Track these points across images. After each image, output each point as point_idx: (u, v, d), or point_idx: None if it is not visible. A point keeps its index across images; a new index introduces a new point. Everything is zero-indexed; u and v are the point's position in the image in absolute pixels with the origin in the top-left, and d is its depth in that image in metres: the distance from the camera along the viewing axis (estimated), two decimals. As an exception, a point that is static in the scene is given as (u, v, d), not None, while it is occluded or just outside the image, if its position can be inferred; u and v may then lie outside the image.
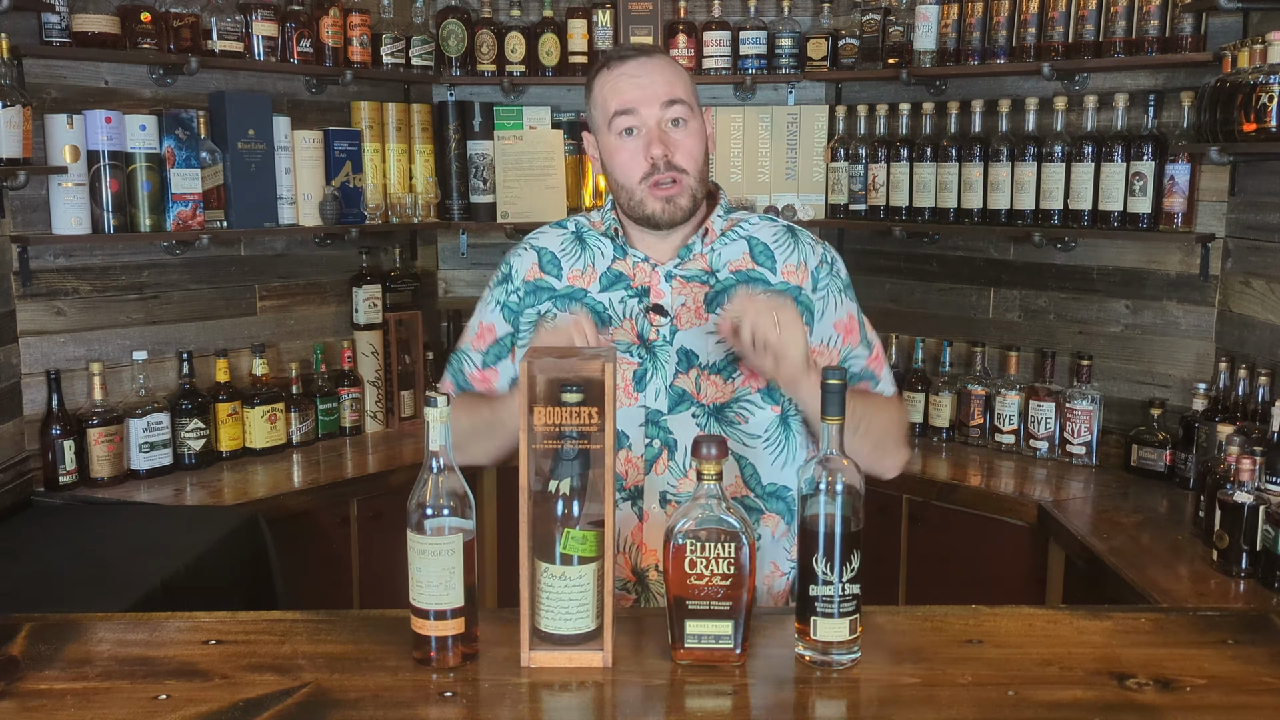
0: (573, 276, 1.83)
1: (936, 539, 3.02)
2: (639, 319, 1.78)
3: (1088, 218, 3.00)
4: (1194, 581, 2.28)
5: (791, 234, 1.83)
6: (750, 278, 1.78)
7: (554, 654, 1.38)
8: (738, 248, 1.81)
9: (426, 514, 1.37)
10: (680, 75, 1.77)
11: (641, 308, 1.78)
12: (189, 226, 3.00)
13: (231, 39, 3.04)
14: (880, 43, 3.43)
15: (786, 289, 1.77)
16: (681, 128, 1.74)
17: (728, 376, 1.76)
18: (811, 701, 1.33)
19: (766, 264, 1.80)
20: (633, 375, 1.76)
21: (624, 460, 1.76)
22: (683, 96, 1.74)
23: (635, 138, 1.73)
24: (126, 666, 1.39)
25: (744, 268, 1.79)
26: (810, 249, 1.82)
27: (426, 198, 3.58)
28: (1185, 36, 2.84)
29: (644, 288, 1.79)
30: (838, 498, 1.36)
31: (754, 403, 1.77)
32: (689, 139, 1.74)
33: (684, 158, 1.73)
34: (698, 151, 1.75)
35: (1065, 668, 1.39)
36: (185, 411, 3.04)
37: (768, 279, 1.78)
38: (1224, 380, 2.77)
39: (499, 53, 3.61)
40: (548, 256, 1.85)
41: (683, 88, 1.75)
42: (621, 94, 1.73)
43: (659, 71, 1.74)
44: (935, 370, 3.42)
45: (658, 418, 1.76)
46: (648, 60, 1.75)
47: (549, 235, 1.89)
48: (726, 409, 1.76)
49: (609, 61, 1.76)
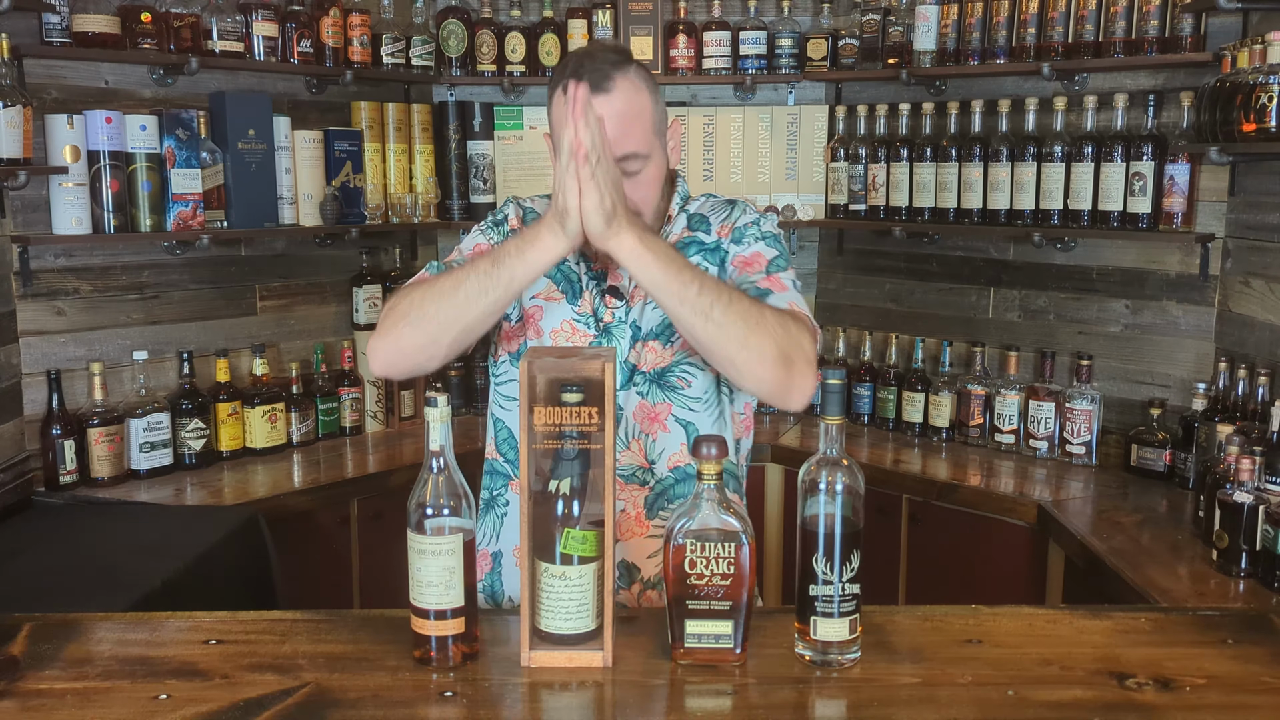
0: None
1: (936, 539, 3.03)
2: (595, 299, 1.81)
3: (1087, 218, 3.00)
4: (1194, 581, 2.28)
5: (730, 203, 1.88)
6: (685, 243, 1.81)
7: (554, 654, 1.38)
8: (681, 221, 1.85)
9: (427, 514, 1.37)
10: (638, 114, 1.70)
11: (599, 290, 1.81)
12: (189, 226, 3.00)
13: (232, 39, 3.04)
14: (880, 43, 3.43)
15: (716, 245, 1.81)
16: (635, 178, 1.70)
17: (666, 341, 1.78)
18: (811, 701, 1.33)
19: (701, 228, 1.84)
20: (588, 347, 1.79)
21: None
22: (636, 149, 1.68)
23: None
24: (127, 666, 1.40)
25: (684, 237, 1.83)
26: (743, 213, 1.85)
27: (427, 198, 3.58)
28: (1185, 36, 2.84)
29: (604, 271, 1.82)
30: (838, 498, 1.36)
31: (695, 365, 1.78)
32: (642, 187, 1.72)
33: (637, 203, 1.70)
34: (650, 193, 1.75)
35: (1065, 667, 1.39)
36: (186, 411, 3.04)
37: (702, 239, 1.82)
38: (1224, 380, 2.77)
39: (499, 53, 3.61)
40: (533, 216, 1.89)
41: (640, 133, 1.69)
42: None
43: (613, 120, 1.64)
44: (935, 370, 3.42)
45: None
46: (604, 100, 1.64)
47: (539, 203, 1.94)
48: (668, 373, 1.78)
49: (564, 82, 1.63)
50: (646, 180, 1.73)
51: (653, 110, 1.74)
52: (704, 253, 1.82)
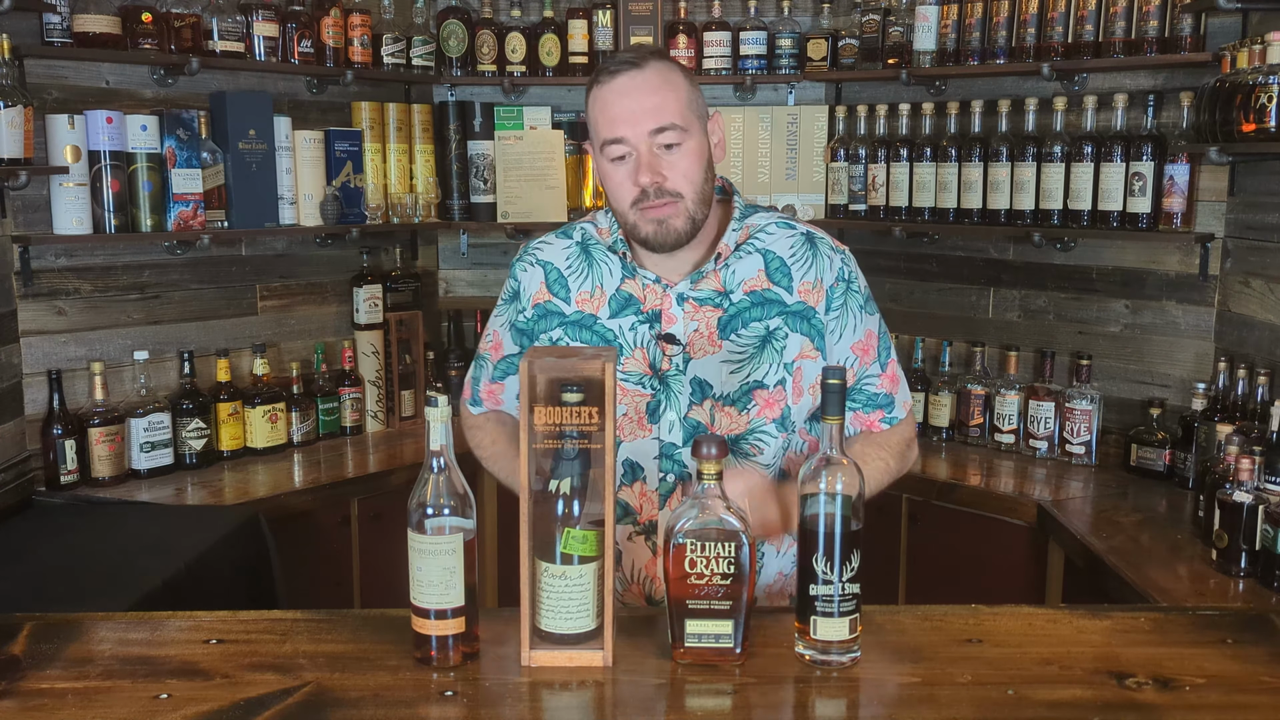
0: (581, 300, 1.77)
1: (936, 539, 3.03)
2: (650, 347, 1.72)
3: (1087, 218, 3.00)
4: (1193, 581, 2.29)
5: (810, 244, 1.75)
6: (764, 299, 1.72)
7: (554, 653, 1.39)
8: (753, 263, 1.73)
9: (427, 513, 1.38)
10: (674, 88, 1.66)
11: (653, 335, 1.72)
12: (190, 226, 3.00)
13: (232, 39, 3.04)
14: (880, 43, 3.43)
15: (802, 310, 1.72)
16: (675, 150, 1.65)
17: (742, 408, 1.72)
18: (811, 701, 1.33)
19: (783, 282, 1.73)
20: (646, 407, 1.71)
21: (638, 494, 1.73)
22: (674, 120, 1.64)
23: (626, 162, 1.66)
24: (127, 666, 1.40)
25: (759, 287, 1.72)
26: (828, 261, 1.74)
27: (427, 198, 3.58)
28: (1184, 37, 2.84)
29: (655, 312, 1.73)
30: (837, 498, 1.36)
31: (768, 433, 1.73)
32: (683, 160, 1.65)
33: (678, 181, 1.65)
34: (694, 172, 1.66)
35: (1065, 667, 1.39)
36: (186, 411, 3.05)
37: (783, 300, 1.72)
38: (1223, 380, 2.77)
39: (499, 53, 3.61)
40: (554, 275, 1.79)
41: (676, 105, 1.65)
42: (610, 116, 1.65)
43: (648, 91, 1.64)
44: (935, 370, 3.42)
45: (672, 451, 1.72)
46: (637, 74, 1.65)
47: (554, 247, 1.82)
48: (742, 441, 1.72)
49: (599, 75, 1.68)
50: (686, 157, 1.65)
51: (688, 89, 1.68)
52: (786, 317, 1.72)
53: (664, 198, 1.64)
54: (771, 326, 1.72)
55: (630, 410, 1.72)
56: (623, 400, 1.71)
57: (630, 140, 1.64)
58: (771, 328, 1.72)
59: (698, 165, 1.67)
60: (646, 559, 1.74)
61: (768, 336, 1.72)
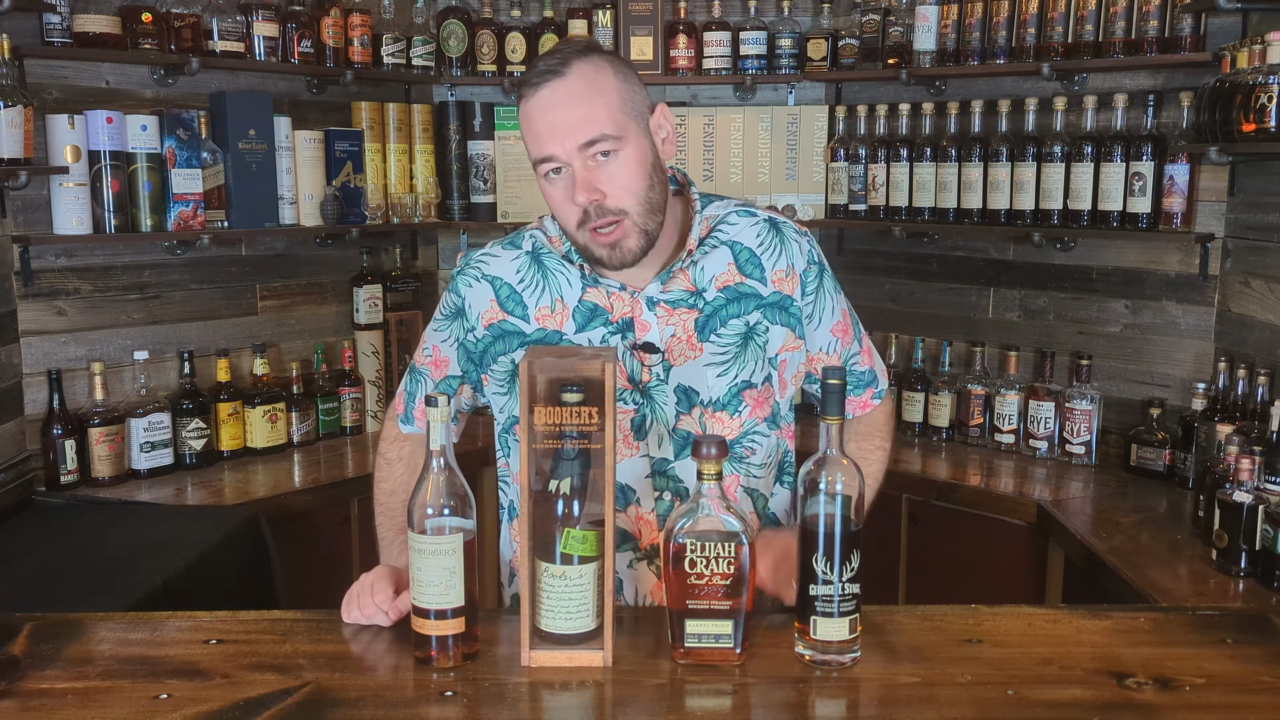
0: (541, 316, 1.64)
1: (936, 539, 3.03)
2: (627, 359, 1.62)
3: (1087, 218, 3.00)
4: (1193, 581, 2.29)
5: (775, 230, 1.68)
6: (739, 294, 1.64)
7: (554, 653, 1.39)
8: (721, 256, 1.64)
9: (427, 514, 1.38)
10: (602, 93, 1.52)
11: (627, 346, 1.62)
12: (190, 226, 3.00)
13: (232, 39, 3.04)
14: (880, 43, 3.43)
15: (779, 300, 1.66)
16: (611, 159, 1.52)
17: (734, 411, 1.65)
18: (811, 701, 1.33)
19: (755, 274, 1.65)
20: (630, 424, 1.62)
21: (635, 518, 1.64)
22: (603, 129, 1.50)
23: (562, 178, 1.54)
24: (127, 666, 1.40)
25: (732, 282, 1.64)
26: (796, 246, 1.68)
27: (427, 198, 3.58)
28: (1184, 37, 2.84)
29: (626, 320, 1.62)
30: (837, 497, 1.36)
31: (760, 433, 1.68)
32: (621, 171, 1.52)
33: (618, 196, 1.53)
34: (635, 182, 1.53)
35: (1065, 667, 1.39)
36: (186, 411, 3.05)
37: (758, 292, 1.65)
38: (1223, 380, 2.77)
39: (499, 53, 3.61)
40: (505, 291, 1.66)
41: (605, 112, 1.51)
42: (536, 133, 1.53)
43: (574, 102, 1.50)
44: (935, 370, 3.42)
45: (664, 467, 1.63)
46: (559, 83, 1.51)
47: (500, 261, 1.68)
48: (735, 445, 1.66)
49: (522, 88, 1.55)
50: (624, 167, 1.52)
51: (620, 89, 1.54)
52: (764, 309, 1.65)
53: (606, 216, 1.53)
54: (751, 322, 1.65)
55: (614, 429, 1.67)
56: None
57: (560, 157, 1.52)
58: (751, 323, 1.65)
59: (639, 173, 1.54)
60: (651, 585, 1.65)
61: (749, 333, 1.65)
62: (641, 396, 1.63)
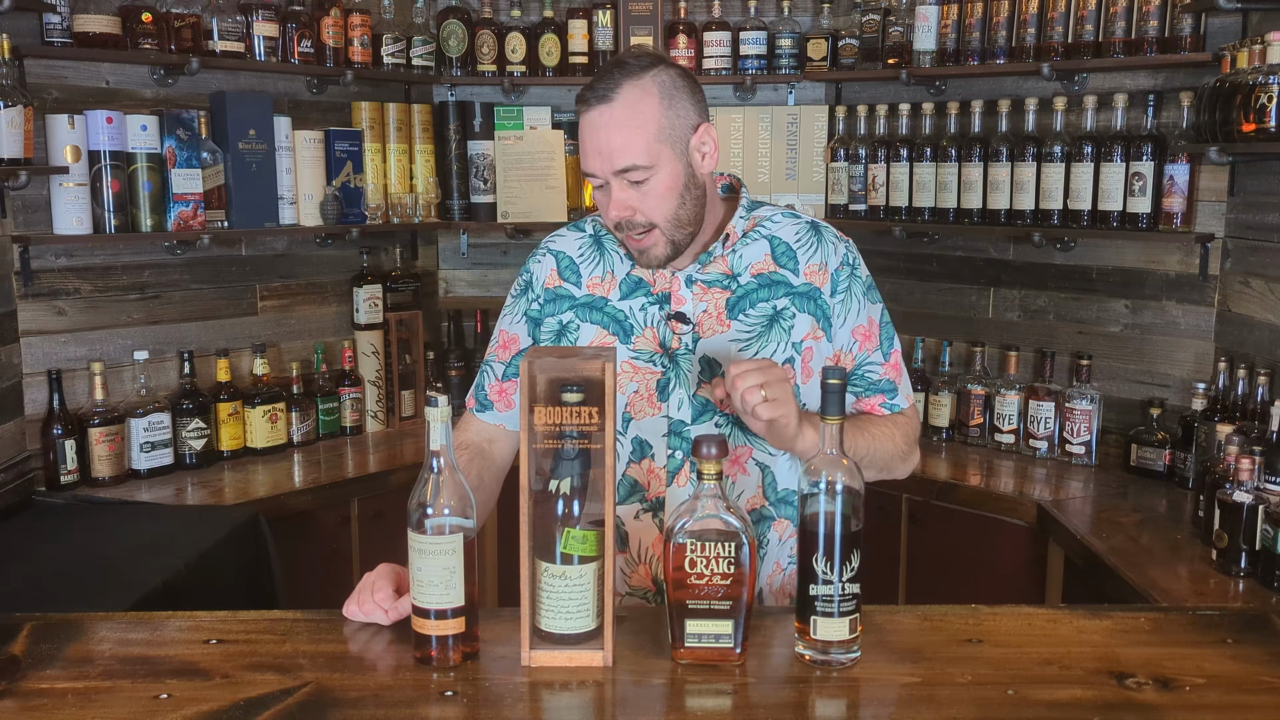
0: (592, 284, 1.81)
1: (936, 539, 3.03)
2: (660, 326, 1.76)
3: (1087, 218, 3.01)
4: (1193, 581, 2.29)
5: (815, 231, 1.81)
6: (771, 281, 1.76)
7: (554, 653, 1.39)
8: (759, 248, 1.78)
9: (427, 513, 1.38)
10: (640, 124, 1.66)
11: (663, 315, 1.76)
12: (190, 226, 3.00)
13: (232, 39, 3.04)
14: (880, 43, 3.43)
15: (808, 290, 1.76)
16: (643, 185, 1.67)
17: None
18: (811, 701, 1.33)
19: (789, 265, 1.77)
20: (656, 384, 1.74)
21: (647, 470, 1.75)
22: (636, 160, 1.65)
23: (603, 190, 1.71)
24: (127, 666, 1.40)
25: (766, 270, 1.77)
26: (833, 247, 1.79)
27: (427, 198, 3.58)
28: (1184, 37, 2.84)
29: (664, 294, 1.76)
30: (838, 497, 1.36)
31: None
32: (651, 195, 1.67)
33: (649, 213, 1.68)
34: (665, 203, 1.68)
35: (1065, 667, 1.39)
36: (186, 411, 3.05)
37: (789, 281, 1.76)
38: (1223, 380, 2.77)
39: (499, 53, 3.61)
40: (566, 261, 1.83)
41: (641, 143, 1.66)
42: (585, 149, 1.71)
43: (614, 129, 1.66)
44: (935, 370, 3.42)
45: (681, 428, 1.74)
46: (606, 109, 1.66)
47: (567, 239, 1.87)
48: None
49: (579, 100, 1.72)
50: (654, 191, 1.67)
51: (660, 118, 1.67)
52: (793, 297, 1.75)
53: (637, 228, 1.69)
54: (779, 306, 1.75)
55: (641, 388, 1.74)
56: (634, 378, 1.75)
57: (599, 175, 1.69)
58: (779, 308, 1.75)
59: (668, 196, 1.69)
60: (654, 537, 1.75)
61: (775, 316, 1.75)
62: (669, 361, 1.75)
